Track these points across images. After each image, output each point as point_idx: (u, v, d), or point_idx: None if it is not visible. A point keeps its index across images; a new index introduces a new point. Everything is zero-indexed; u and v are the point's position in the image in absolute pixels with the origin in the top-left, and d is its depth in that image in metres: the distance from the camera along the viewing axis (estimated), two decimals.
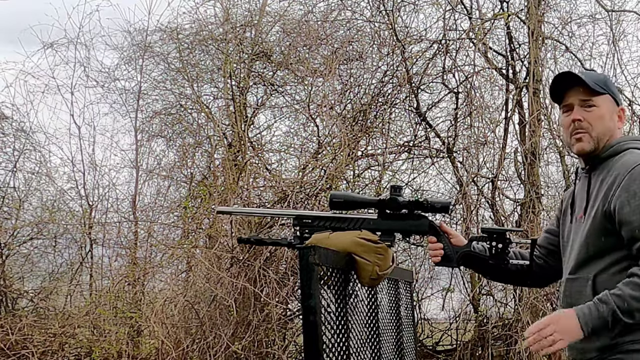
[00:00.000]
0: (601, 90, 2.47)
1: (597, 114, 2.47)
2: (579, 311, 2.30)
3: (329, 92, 7.12)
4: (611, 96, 2.49)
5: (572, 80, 2.49)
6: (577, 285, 2.42)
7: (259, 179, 6.95)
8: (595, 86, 2.46)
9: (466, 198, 7.08)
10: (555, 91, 2.54)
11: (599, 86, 2.47)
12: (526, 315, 6.63)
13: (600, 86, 2.47)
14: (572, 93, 2.49)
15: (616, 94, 2.51)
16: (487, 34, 7.45)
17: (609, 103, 2.48)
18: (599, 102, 2.47)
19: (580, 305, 2.33)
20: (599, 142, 2.46)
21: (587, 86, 2.46)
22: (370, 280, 2.81)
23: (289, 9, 7.60)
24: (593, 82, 2.47)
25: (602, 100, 2.47)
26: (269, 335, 6.29)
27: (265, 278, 6.15)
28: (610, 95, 2.49)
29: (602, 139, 2.46)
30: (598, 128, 2.46)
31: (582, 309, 2.30)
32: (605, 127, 2.46)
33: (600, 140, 2.46)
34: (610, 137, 2.47)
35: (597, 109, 2.47)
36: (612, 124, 2.48)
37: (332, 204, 2.73)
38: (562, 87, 2.51)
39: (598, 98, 2.47)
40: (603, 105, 2.47)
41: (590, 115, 2.47)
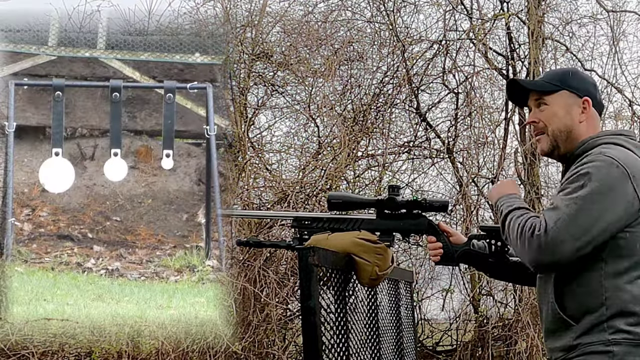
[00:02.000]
0: (551, 88, 2.45)
1: (549, 112, 2.45)
2: (506, 195, 2.47)
3: (329, 93, 7.12)
4: (569, 90, 2.45)
5: (520, 87, 2.53)
6: (543, 284, 2.41)
7: (259, 179, 6.95)
8: (544, 85, 2.46)
9: (466, 198, 7.08)
10: (515, 99, 2.60)
11: (550, 84, 2.46)
12: (526, 315, 6.63)
13: (551, 84, 2.46)
14: (530, 96, 2.50)
15: (578, 86, 2.46)
16: (487, 34, 7.45)
17: (565, 98, 2.45)
18: (550, 100, 2.46)
19: (544, 303, 2.39)
20: (557, 139, 2.44)
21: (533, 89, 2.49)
22: (370, 280, 2.81)
23: (290, 10, 7.61)
24: (544, 82, 2.48)
25: (554, 98, 2.45)
26: (269, 335, 6.29)
27: (265, 278, 6.15)
28: (566, 90, 2.45)
29: (558, 135, 2.44)
30: (552, 126, 2.44)
31: (509, 196, 2.46)
32: (561, 124, 2.44)
33: (557, 138, 2.44)
34: (570, 132, 2.44)
35: (548, 108, 2.46)
36: (569, 118, 2.44)
37: (331, 205, 2.73)
38: (522, 94, 2.54)
39: (549, 96, 2.46)
40: (555, 102, 2.45)
41: (543, 115, 2.46)
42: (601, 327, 2.26)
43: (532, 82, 2.51)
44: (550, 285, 2.36)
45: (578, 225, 2.21)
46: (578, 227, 2.21)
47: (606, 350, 2.24)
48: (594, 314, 2.27)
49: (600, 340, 2.25)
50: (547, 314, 2.39)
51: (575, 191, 2.25)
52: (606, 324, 2.25)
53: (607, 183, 2.24)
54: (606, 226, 2.23)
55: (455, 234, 2.75)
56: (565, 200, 2.26)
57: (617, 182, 2.24)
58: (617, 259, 2.27)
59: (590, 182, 2.24)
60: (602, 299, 2.26)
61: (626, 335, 2.24)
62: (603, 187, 2.23)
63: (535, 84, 2.53)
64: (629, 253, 2.27)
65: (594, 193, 2.23)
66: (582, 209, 2.22)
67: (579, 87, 2.47)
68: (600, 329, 2.26)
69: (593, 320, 2.27)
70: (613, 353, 2.23)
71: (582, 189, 2.24)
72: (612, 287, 2.26)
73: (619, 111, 7.59)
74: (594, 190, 2.23)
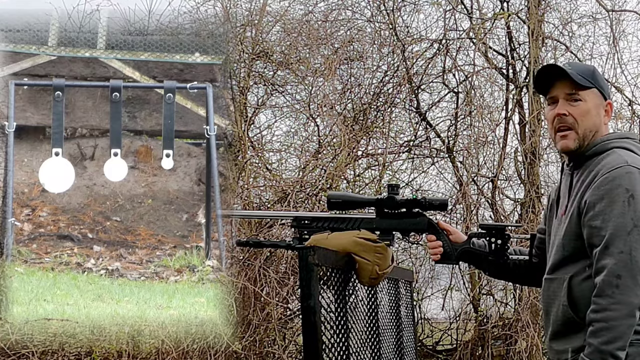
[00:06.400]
0: (587, 84, 2.37)
1: (583, 109, 2.37)
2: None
3: (329, 92, 7.12)
4: (598, 90, 2.38)
5: (558, 73, 2.38)
6: (554, 286, 2.39)
7: (259, 178, 6.95)
8: (582, 79, 2.36)
9: (466, 198, 7.08)
10: (540, 83, 2.44)
11: (585, 79, 2.37)
12: (526, 315, 6.63)
13: (587, 79, 2.37)
14: (558, 85, 2.38)
15: (604, 87, 2.41)
16: (487, 33, 7.45)
17: (596, 97, 2.38)
18: (585, 96, 2.37)
19: (554, 305, 2.33)
20: (585, 139, 2.37)
21: (572, 79, 2.35)
22: (370, 279, 2.81)
23: (290, 9, 7.60)
24: (580, 75, 2.37)
25: (588, 94, 2.37)
26: (270, 334, 6.29)
27: (265, 278, 6.15)
28: (597, 89, 2.38)
29: (587, 135, 2.37)
30: (584, 124, 2.36)
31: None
32: (591, 123, 2.37)
33: (585, 137, 2.37)
34: (596, 133, 2.37)
35: (583, 104, 2.37)
36: (598, 119, 2.38)
37: (330, 205, 2.73)
38: (547, 80, 2.41)
39: (584, 92, 2.37)
40: (589, 100, 2.37)
41: (575, 110, 2.37)
42: None
43: (572, 72, 2.35)
44: (563, 288, 2.33)
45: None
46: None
47: None
48: None
49: None
50: (556, 316, 2.37)
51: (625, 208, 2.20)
52: None
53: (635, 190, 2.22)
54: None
55: (455, 233, 2.74)
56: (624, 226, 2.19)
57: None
58: None
59: (634, 199, 2.20)
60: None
61: (639, 337, 2.22)
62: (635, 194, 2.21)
63: (577, 76, 2.38)
64: None
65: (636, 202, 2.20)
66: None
67: (605, 88, 2.42)
68: None
69: None
70: (627, 353, 2.21)
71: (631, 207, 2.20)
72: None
73: (618, 111, 7.58)
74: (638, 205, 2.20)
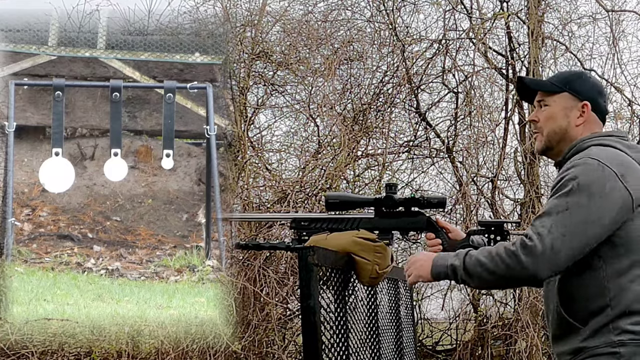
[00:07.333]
0: (555, 89, 2.48)
1: (547, 113, 2.48)
2: (436, 256, 2.42)
3: (329, 92, 7.12)
4: (570, 93, 2.47)
5: (526, 85, 2.59)
6: (549, 288, 2.42)
7: (258, 178, 6.95)
8: (550, 86, 2.49)
9: (466, 198, 7.08)
10: (523, 94, 2.67)
11: (555, 85, 2.48)
12: (526, 315, 6.63)
13: (556, 85, 2.48)
14: (537, 94, 2.54)
15: (580, 91, 2.47)
16: (487, 33, 7.45)
17: (565, 100, 2.47)
18: (551, 101, 2.48)
19: (550, 308, 2.37)
20: (550, 140, 2.48)
21: (539, 88, 2.52)
22: (370, 279, 2.81)
23: (289, 9, 7.61)
24: (547, 82, 2.52)
25: (555, 99, 2.48)
26: (269, 335, 6.29)
27: (265, 278, 6.15)
28: (569, 92, 2.47)
29: (552, 137, 2.47)
30: (547, 127, 2.47)
31: (441, 254, 2.43)
32: (556, 126, 2.46)
33: (551, 139, 2.48)
34: (565, 134, 2.46)
35: (549, 109, 2.48)
36: (565, 121, 2.46)
37: (328, 205, 2.74)
38: (527, 90, 2.59)
39: (551, 97, 2.48)
40: (556, 104, 2.47)
41: (542, 115, 2.49)
42: (607, 329, 2.26)
43: (536, 81, 2.61)
44: (555, 289, 2.36)
45: (572, 232, 2.23)
46: (572, 234, 2.23)
47: (613, 351, 2.24)
48: (600, 316, 2.27)
49: (606, 342, 2.25)
50: (553, 318, 2.39)
51: (565, 197, 2.26)
52: (611, 325, 2.25)
53: (596, 186, 2.25)
54: (600, 230, 2.24)
55: (454, 230, 2.75)
56: (556, 207, 2.27)
57: (605, 184, 2.25)
58: (617, 259, 2.27)
59: (579, 186, 2.26)
60: (606, 300, 2.26)
61: (632, 336, 2.24)
62: (592, 190, 2.25)
63: (538, 84, 2.58)
64: (628, 252, 2.27)
65: (584, 198, 2.24)
66: (573, 214, 2.24)
67: (581, 91, 2.47)
68: (606, 330, 2.26)
69: (599, 321, 2.27)
70: (620, 354, 2.23)
71: (571, 195, 2.25)
72: (616, 287, 2.26)
73: (618, 111, 7.59)
74: (584, 195, 2.25)
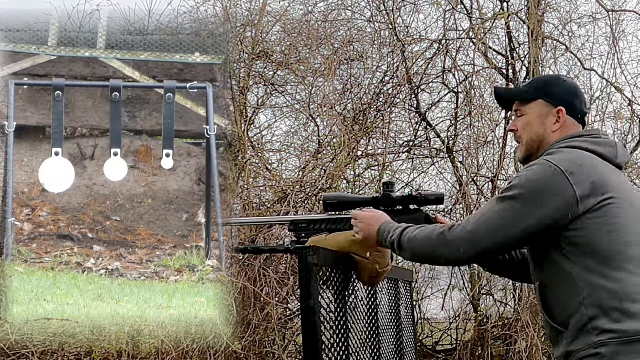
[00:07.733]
0: (530, 97, 2.50)
1: (524, 122, 2.50)
2: (384, 223, 2.53)
3: (329, 92, 7.12)
4: (544, 99, 2.48)
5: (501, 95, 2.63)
6: (536, 293, 2.45)
7: (259, 178, 6.95)
8: (525, 94, 2.52)
9: (466, 198, 7.08)
10: (502, 105, 2.69)
11: (528, 92, 2.51)
12: (526, 315, 6.63)
13: (530, 92, 2.51)
14: (514, 104, 2.57)
15: (553, 96, 2.48)
16: (487, 33, 7.45)
17: (540, 107, 2.48)
18: (527, 109, 2.50)
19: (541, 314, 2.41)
20: (530, 149, 2.49)
21: (514, 97, 2.56)
22: (370, 278, 2.81)
23: (290, 9, 7.61)
24: (522, 89, 2.58)
25: (530, 107, 2.50)
26: (269, 335, 6.29)
27: (265, 278, 6.15)
28: (543, 99, 2.48)
29: (531, 145, 2.49)
30: (525, 136, 2.50)
31: (389, 222, 2.53)
32: (534, 133, 2.48)
33: (530, 147, 2.49)
34: (542, 141, 2.47)
35: (524, 117, 2.50)
36: (542, 128, 2.47)
37: (327, 206, 2.75)
38: (506, 100, 2.62)
39: (527, 106, 2.50)
40: (531, 112, 2.49)
41: (520, 124, 2.51)
42: (586, 330, 2.26)
43: (511, 91, 2.66)
44: (538, 295, 2.39)
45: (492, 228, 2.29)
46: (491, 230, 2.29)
47: (595, 352, 2.24)
48: (576, 316, 2.27)
49: (588, 344, 2.25)
50: (544, 323, 2.43)
51: (502, 200, 2.32)
52: (590, 325, 2.25)
53: (536, 185, 2.28)
54: (525, 228, 2.28)
55: None
56: (490, 205, 2.34)
57: (547, 183, 2.27)
58: (582, 257, 2.27)
59: (517, 185, 2.30)
60: (579, 299, 2.26)
61: (612, 335, 2.23)
62: (530, 189, 2.28)
63: (512, 93, 2.63)
64: (591, 250, 2.27)
65: (518, 195, 2.28)
66: (502, 210, 2.29)
67: (555, 96, 2.48)
68: (586, 331, 2.26)
69: (577, 322, 2.27)
70: (601, 355, 2.23)
71: (508, 192, 2.31)
72: (587, 286, 2.26)
73: (618, 111, 7.59)
74: (519, 192, 2.28)
